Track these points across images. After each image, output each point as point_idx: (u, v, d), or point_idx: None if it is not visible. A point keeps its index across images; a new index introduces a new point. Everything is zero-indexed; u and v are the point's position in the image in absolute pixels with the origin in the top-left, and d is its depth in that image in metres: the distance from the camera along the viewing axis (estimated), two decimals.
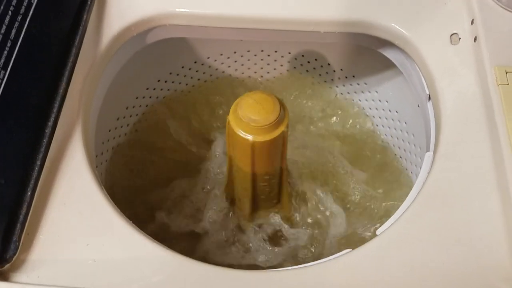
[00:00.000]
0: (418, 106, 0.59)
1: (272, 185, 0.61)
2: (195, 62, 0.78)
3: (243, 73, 0.82)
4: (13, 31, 0.46)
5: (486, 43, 0.51)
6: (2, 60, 0.44)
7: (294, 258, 0.68)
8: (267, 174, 0.58)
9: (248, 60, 0.79)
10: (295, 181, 0.73)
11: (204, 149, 0.79)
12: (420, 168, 0.51)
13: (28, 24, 0.47)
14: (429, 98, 0.54)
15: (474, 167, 0.46)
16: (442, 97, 0.51)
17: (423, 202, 0.45)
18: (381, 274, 0.42)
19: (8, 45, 0.45)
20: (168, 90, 0.80)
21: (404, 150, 0.73)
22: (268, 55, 0.78)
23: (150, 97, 0.78)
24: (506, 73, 0.48)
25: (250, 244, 0.69)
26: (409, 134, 0.71)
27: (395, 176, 0.74)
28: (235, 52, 0.78)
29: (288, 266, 0.44)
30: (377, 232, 0.45)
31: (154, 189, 0.74)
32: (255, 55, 0.78)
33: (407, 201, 0.46)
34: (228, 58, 0.79)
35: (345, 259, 0.43)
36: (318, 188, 0.73)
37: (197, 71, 0.80)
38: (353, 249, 0.43)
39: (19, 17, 0.47)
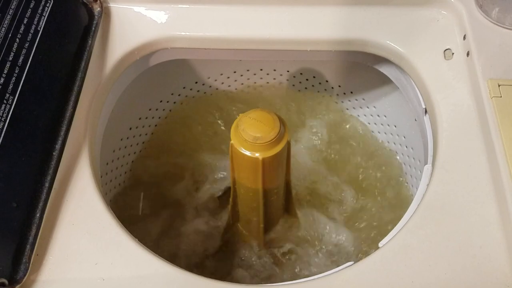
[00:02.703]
0: (415, 120, 0.60)
1: (280, 197, 0.62)
2: (196, 82, 0.80)
3: (242, 91, 0.83)
4: (21, 58, 0.47)
5: (479, 57, 0.52)
6: (11, 86, 0.45)
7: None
8: (277, 187, 0.59)
9: (248, 79, 0.81)
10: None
11: (206, 167, 0.80)
12: (420, 181, 0.52)
13: (35, 51, 0.49)
14: (426, 111, 0.55)
15: (472, 178, 0.47)
16: (438, 110, 0.52)
17: (423, 214, 0.46)
18: (384, 286, 0.42)
19: (16, 71, 0.46)
20: (170, 110, 0.81)
21: (404, 163, 0.74)
22: (267, 74, 0.80)
23: (152, 117, 0.79)
24: (499, 86, 0.50)
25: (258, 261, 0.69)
26: (408, 148, 0.72)
27: (393, 188, 0.75)
28: (234, 72, 0.79)
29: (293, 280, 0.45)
30: (379, 244, 0.45)
31: (160, 209, 0.75)
32: (254, 74, 0.80)
33: (408, 213, 0.47)
34: (228, 77, 0.80)
35: (347, 272, 0.43)
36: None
37: (198, 91, 0.81)
38: (355, 261, 0.44)
39: (27, 44, 0.48)
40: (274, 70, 0.79)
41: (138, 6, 0.60)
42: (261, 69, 0.79)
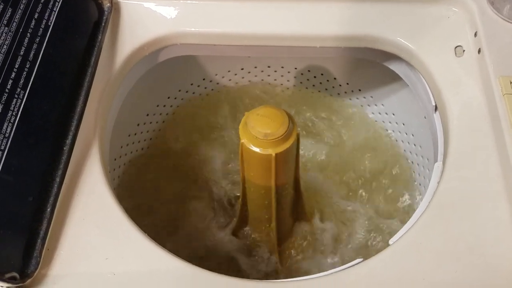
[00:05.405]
0: (425, 118, 0.60)
1: (290, 193, 0.62)
2: (204, 79, 0.80)
3: (250, 88, 0.83)
4: (32, 53, 0.47)
5: (490, 54, 0.52)
6: (22, 81, 0.45)
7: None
8: (288, 183, 0.58)
9: (255, 76, 0.81)
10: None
11: (213, 165, 0.80)
12: (428, 179, 0.51)
13: (45, 46, 0.49)
14: (436, 109, 0.55)
15: (483, 176, 0.47)
16: (449, 108, 0.52)
17: (434, 212, 0.46)
18: (394, 284, 0.42)
19: (27, 66, 0.46)
20: (178, 106, 0.81)
21: (412, 162, 0.74)
22: (275, 71, 0.80)
23: (160, 114, 0.79)
24: (511, 83, 0.49)
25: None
26: (416, 146, 0.71)
27: (402, 187, 0.75)
28: (242, 69, 0.79)
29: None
30: (390, 241, 0.45)
31: (165, 205, 0.75)
32: (262, 71, 0.80)
33: (419, 211, 0.47)
34: (236, 74, 0.80)
35: (357, 269, 0.43)
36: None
37: (205, 87, 0.81)
38: (365, 259, 0.44)
39: (37, 39, 0.48)
40: (282, 67, 0.79)
41: (148, 1, 0.60)
42: (268, 66, 0.79)
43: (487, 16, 0.55)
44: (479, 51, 0.54)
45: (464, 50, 0.55)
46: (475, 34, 0.55)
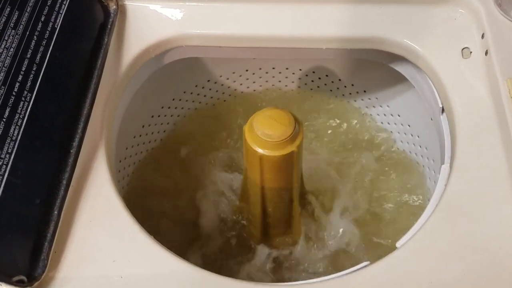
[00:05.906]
0: (431, 119, 0.60)
1: (282, 206, 0.61)
2: (208, 81, 0.80)
3: (254, 90, 0.83)
4: (38, 55, 0.47)
5: (497, 56, 0.52)
6: (29, 84, 0.45)
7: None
8: (279, 189, 0.58)
9: (260, 77, 0.81)
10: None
11: (217, 165, 0.80)
12: (434, 181, 0.51)
13: (52, 48, 0.49)
14: (443, 110, 0.54)
15: (490, 178, 0.47)
16: (455, 109, 0.52)
17: (441, 214, 0.45)
18: (402, 287, 0.42)
19: (34, 68, 0.46)
20: (182, 108, 0.81)
21: (417, 163, 0.74)
22: (280, 72, 0.80)
23: (165, 116, 0.79)
24: None
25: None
26: (422, 148, 0.71)
27: (407, 188, 0.74)
28: (247, 70, 0.79)
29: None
30: (397, 244, 0.45)
31: (172, 206, 0.75)
32: (267, 73, 0.80)
33: (426, 214, 0.46)
34: (240, 76, 0.80)
35: (363, 272, 0.43)
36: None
37: (210, 89, 0.81)
38: (371, 262, 0.44)
39: (44, 42, 0.48)
40: (287, 68, 0.79)
41: (154, 4, 0.60)
42: (273, 68, 0.79)
43: (494, 18, 0.55)
44: (486, 52, 0.53)
45: (471, 52, 0.55)
46: (482, 36, 0.55)
